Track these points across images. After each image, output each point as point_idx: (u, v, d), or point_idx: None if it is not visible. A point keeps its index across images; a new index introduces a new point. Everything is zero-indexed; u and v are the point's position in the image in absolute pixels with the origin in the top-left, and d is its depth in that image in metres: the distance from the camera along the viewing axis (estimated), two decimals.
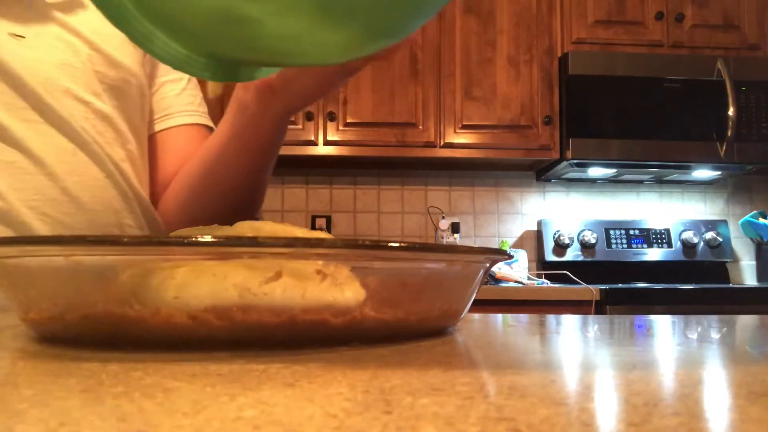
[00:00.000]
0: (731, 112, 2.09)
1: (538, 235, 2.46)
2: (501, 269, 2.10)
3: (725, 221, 2.44)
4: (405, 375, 0.23)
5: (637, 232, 2.39)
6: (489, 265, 0.38)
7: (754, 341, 0.41)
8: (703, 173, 2.30)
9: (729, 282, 2.41)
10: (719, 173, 2.32)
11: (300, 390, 0.21)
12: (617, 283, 2.06)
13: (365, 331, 0.31)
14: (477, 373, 0.25)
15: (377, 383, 0.22)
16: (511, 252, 2.27)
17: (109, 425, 0.16)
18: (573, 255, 2.35)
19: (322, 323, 0.29)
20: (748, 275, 2.48)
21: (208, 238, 0.27)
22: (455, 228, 2.38)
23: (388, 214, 2.47)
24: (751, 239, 2.43)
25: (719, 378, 0.25)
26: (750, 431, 0.16)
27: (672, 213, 2.51)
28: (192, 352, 0.28)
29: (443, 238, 2.37)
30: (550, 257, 2.35)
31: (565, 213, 2.49)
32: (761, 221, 2.33)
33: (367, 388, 0.21)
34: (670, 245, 2.37)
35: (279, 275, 0.28)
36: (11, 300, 0.33)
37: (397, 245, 0.30)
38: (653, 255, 2.36)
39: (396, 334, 0.33)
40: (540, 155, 2.20)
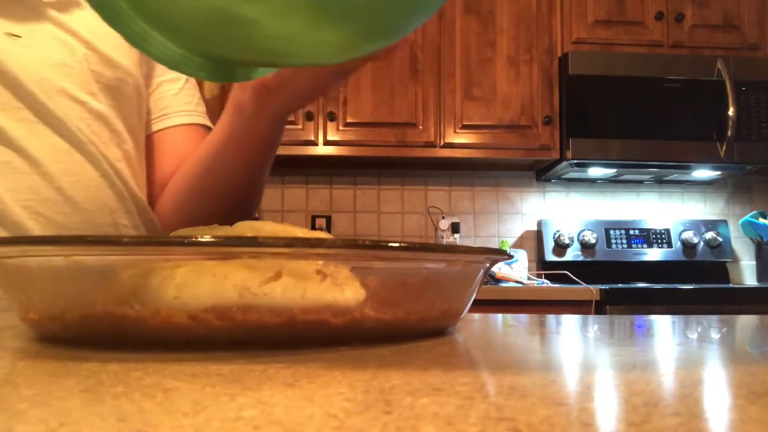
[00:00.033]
0: (731, 112, 2.09)
1: (538, 235, 2.46)
2: (501, 269, 2.10)
3: (725, 221, 2.44)
4: (405, 375, 0.23)
5: (637, 232, 2.39)
6: (489, 265, 0.38)
7: (754, 341, 0.41)
8: (703, 173, 2.30)
9: (729, 282, 2.41)
10: (719, 173, 2.32)
11: (300, 390, 0.21)
12: (617, 283, 2.06)
13: (365, 331, 0.31)
14: (477, 373, 0.25)
15: (377, 383, 0.22)
16: (511, 252, 2.27)
17: (109, 425, 0.16)
18: (573, 255, 2.35)
19: (322, 323, 0.29)
20: (748, 275, 2.48)
21: (208, 238, 0.27)
22: (455, 228, 2.38)
23: (388, 214, 2.47)
24: (751, 239, 2.43)
25: (719, 378, 0.25)
26: (750, 431, 0.16)
27: (672, 213, 2.51)
28: (192, 352, 0.28)
29: (443, 238, 2.37)
30: (550, 257, 2.35)
31: (565, 213, 2.49)
32: (761, 221, 2.33)
33: (367, 388, 0.21)
34: (670, 245, 2.37)
35: (279, 275, 0.28)
36: (11, 300, 0.33)
37: (397, 245, 0.30)
38: (653, 255, 2.36)
39: (396, 334, 0.33)
40: (540, 155, 2.20)
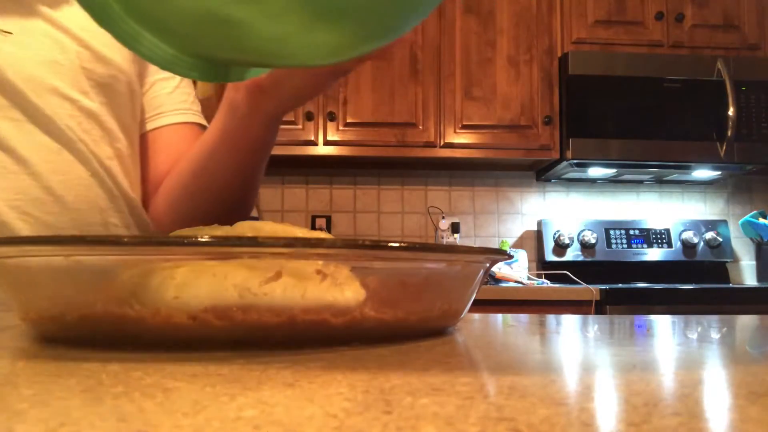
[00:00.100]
0: (731, 112, 2.09)
1: (538, 235, 2.46)
2: (501, 269, 2.10)
3: (725, 221, 2.44)
4: (405, 375, 0.23)
5: (637, 232, 2.39)
6: (489, 265, 0.38)
7: (754, 341, 0.41)
8: (703, 173, 2.30)
9: (729, 282, 2.41)
10: (719, 173, 2.32)
11: (300, 390, 0.21)
12: (617, 283, 2.06)
13: (365, 331, 0.31)
14: (477, 373, 0.25)
15: (377, 383, 0.22)
16: (511, 252, 2.27)
17: (109, 425, 0.16)
18: (573, 255, 2.35)
19: (322, 323, 0.29)
20: (748, 275, 2.48)
21: (208, 238, 0.27)
22: (455, 228, 2.38)
23: (388, 214, 2.47)
24: (751, 239, 2.43)
25: (719, 378, 0.25)
26: (750, 431, 0.16)
27: (672, 213, 2.51)
28: (192, 352, 0.28)
29: (443, 238, 2.37)
30: (550, 257, 2.35)
31: (565, 213, 2.49)
32: (761, 221, 2.33)
33: (367, 388, 0.21)
34: (670, 245, 2.37)
35: (279, 275, 0.28)
36: (11, 300, 0.33)
37: (397, 245, 0.30)
38: (653, 255, 2.36)
39: (396, 334, 0.33)
40: (540, 155, 2.20)
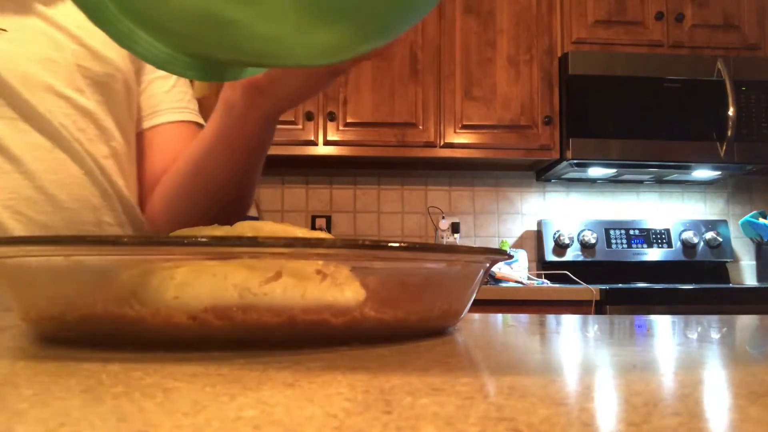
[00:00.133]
0: (731, 112, 2.09)
1: (538, 235, 2.46)
2: (501, 269, 2.10)
3: (725, 221, 2.44)
4: (405, 375, 0.23)
5: (637, 232, 2.39)
6: (489, 265, 0.38)
7: (754, 341, 0.41)
8: (703, 173, 2.30)
9: (729, 282, 2.41)
10: (719, 173, 2.32)
11: (300, 390, 0.21)
12: (617, 283, 2.06)
13: (365, 331, 0.31)
14: (477, 373, 0.25)
15: (377, 383, 0.22)
16: (511, 252, 2.27)
17: (109, 425, 0.16)
18: (573, 255, 2.35)
19: (322, 323, 0.29)
20: (748, 275, 2.48)
21: (208, 238, 0.27)
22: (455, 228, 2.38)
23: (388, 214, 2.47)
24: (751, 239, 2.43)
25: (719, 378, 0.25)
26: (750, 431, 0.16)
27: (672, 213, 2.51)
28: (192, 352, 0.28)
29: (443, 238, 2.37)
30: (550, 257, 2.35)
31: (565, 213, 2.49)
32: (761, 221, 2.33)
33: (367, 388, 0.21)
34: (670, 245, 2.37)
35: (279, 275, 0.28)
36: (11, 300, 0.33)
37: (397, 245, 0.30)
38: (653, 255, 2.36)
39: (396, 334, 0.33)
40: (540, 155, 2.20)
